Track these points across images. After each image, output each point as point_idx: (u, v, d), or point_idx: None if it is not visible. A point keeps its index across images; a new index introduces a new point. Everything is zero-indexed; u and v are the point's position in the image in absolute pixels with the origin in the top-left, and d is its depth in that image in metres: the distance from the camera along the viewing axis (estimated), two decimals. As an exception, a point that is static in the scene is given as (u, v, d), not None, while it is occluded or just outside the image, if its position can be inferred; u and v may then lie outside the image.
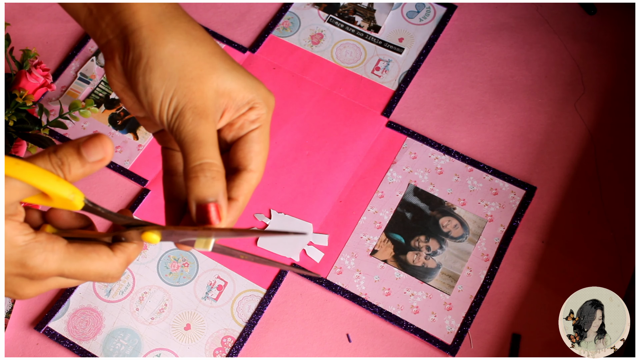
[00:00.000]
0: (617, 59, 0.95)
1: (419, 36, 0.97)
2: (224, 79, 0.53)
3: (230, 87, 0.53)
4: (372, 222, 0.85)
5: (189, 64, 0.52)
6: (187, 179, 0.51)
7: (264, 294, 0.82)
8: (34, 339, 0.81)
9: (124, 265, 0.51)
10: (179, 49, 0.52)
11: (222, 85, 0.52)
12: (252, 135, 0.54)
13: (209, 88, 0.52)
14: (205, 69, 0.52)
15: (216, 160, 0.51)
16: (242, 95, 0.53)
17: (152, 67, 0.52)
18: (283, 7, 1.00)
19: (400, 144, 0.90)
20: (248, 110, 0.54)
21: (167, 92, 0.52)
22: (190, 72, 0.52)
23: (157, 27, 0.52)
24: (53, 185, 0.46)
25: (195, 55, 0.52)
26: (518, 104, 0.92)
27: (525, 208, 0.85)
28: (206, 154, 0.51)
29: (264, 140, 0.55)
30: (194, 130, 0.51)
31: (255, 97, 0.54)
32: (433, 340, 0.79)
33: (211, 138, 0.51)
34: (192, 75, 0.52)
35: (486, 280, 0.82)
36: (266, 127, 0.55)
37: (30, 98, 0.85)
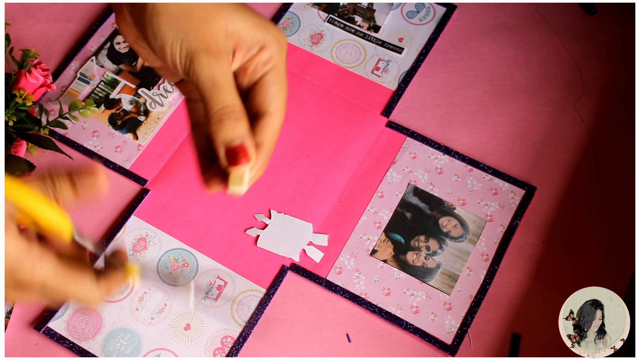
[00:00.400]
0: (617, 59, 0.95)
1: (418, 36, 0.97)
2: (232, 18, 0.52)
3: (239, 27, 0.52)
4: (372, 222, 0.85)
5: (195, 5, 0.51)
6: (211, 124, 0.51)
7: (264, 294, 0.82)
8: (34, 339, 0.81)
9: (104, 295, 0.52)
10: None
11: (230, 24, 0.52)
12: (267, 78, 0.54)
13: (217, 28, 0.52)
14: (211, 9, 0.52)
15: (237, 101, 0.51)
16: (251, 34, 0.52)
17: (159, 10, 0.51)
18: (283, 7, 1.00)
19: (400, 144, 0.90)
20: (259, 51, 0.53)
21: (176, 35, 0.51)
22: (197, 13, 0.51)
23: None
24: (46, 215, 0.47)
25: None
26: (518, 104, 0.92)
27: (525, 208, 0.85)
28: (227, 97, 0.51)
29: (280, 80, 0.55)
30: (211, 74, 0.51)
31: (266, 36, 0.53)
32: (433, 340, 0.79)
33: (229, 80, 0.51)
34: (199, 16, 0.51)
35: (486, 280, 0.81)
36: (281, 66, 0.55)
37: (30, 98, 0.85)
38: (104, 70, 0.97)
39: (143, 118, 0.93)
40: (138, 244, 0.85)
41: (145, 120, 0.93)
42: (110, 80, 0.96)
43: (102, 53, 0.98)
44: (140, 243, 0.85)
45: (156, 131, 0.92)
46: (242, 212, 0.87)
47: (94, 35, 0.99)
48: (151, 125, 0.93)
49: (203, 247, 0.85)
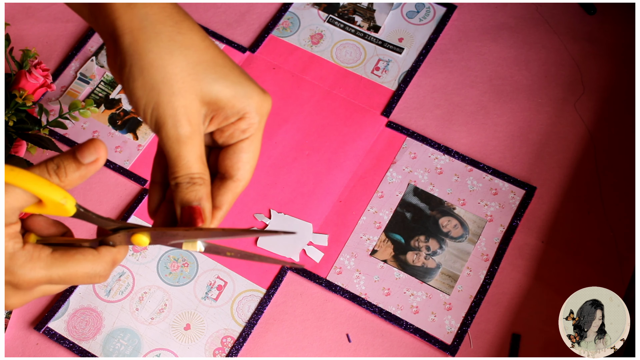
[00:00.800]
0: (617, 58, 0.95)
1: (418, 36, 0.97)
2: (211, 89, 0.51)
3: (217, 97, 0.51)
4: (372, 222, 0.85)
5: (171, 76, 0.51)
6: (172, 187, 0.52)
7: (264, 294, 0.82)
8: (34, 339, 0.81)
9: (111, 265, 0.51)
10: (160, 59, 0.51)
11: (207, 96, 0.51)
12: (241, 146, 0.54)
13: (191, 101, 0.51)
14: (188, 82, 0.51)
15: (199, 171, 0.52)
16: (230, 104, 0.52)
17: (135, 75, 0.51)
18: (283, 7, 1.00)
19: (400, 144, 0.90)
20: (238, 120, 0.53)
21: (148, 104, 0.51)
22: (172, 86, 0.51)
23: (138, 33, 0.51)
24: (46, 190, 0.47)
25: (177, 66, 0.51)
26: (518, 104, 0.92)
27: (525, 208, 0.85)
28: (191, 168, 0.51)
29: (253, 149, 0.55)
30: (177, 148, 0.51)
31: (246, 107, 0.52)
32: (433, 340, 0.79)
33: (194, 152, 0.52)
34: (174, 90, 0.51)
35: (486, 280, 0.81)
36: (257, 135, 0.55)
37: (30, 98, 0.85)
38: (104, 70, 0.97)
39: (143, 118, 0.93)
40: (138, 244, 0.85)
41: (145, 120, 0.93)
42: (110, 80, 0.96)
43: (102, 53, 0.98)
44: (140, 243, 0.85)
45: (156, 131, 0.92)
46: (242, 212, 0.87)
47: (94, 35, 0.99)
48: (151, 125, 0.93)
49: (203, 247, 0.85)
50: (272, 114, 0.92)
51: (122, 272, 0.84)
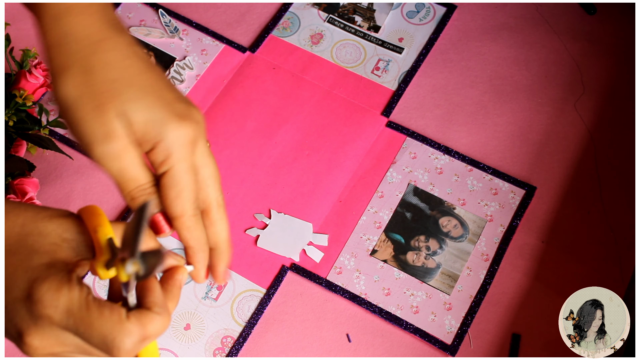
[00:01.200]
0: (617, 59, 0.95)
1: (418, 36, 0.97)
2: (124, 109, 0.48)
3: (130, 119, 0.48)
4: (372, 222, 0.85)
5: (87, 92, 0.48)
6: (128, 203, 0.49)
7: (264, 294, 0.82)
8: (34, 339, 0.81)
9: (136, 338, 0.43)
10: (76, 76, 0.48)
11: (129, 113, 0.48)
12: (163, 181, 0.49)
13: (110, 118, 0.47)
14: (106, 98, 0.48)
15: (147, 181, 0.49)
16: (142, 130, 0.48)
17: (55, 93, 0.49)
18: (283, 7, 1.00)
19: (400, 144, 0.90)
20: (151, 150, 0.49)
21: (71, 124, 0.48)
22: (90, 102, 0.48)
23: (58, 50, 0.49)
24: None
25: (95, 84, 0.48)
26: (518, 104, 0.92)
27: (525, 208, 0.85)
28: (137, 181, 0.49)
29: (178, 183, 0.49)
30: (116, 164, 0.48)
31: (159, 135, 0.48)
32: (433, 340, 0.79)
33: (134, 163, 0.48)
34: (92, 106, 0.48)
35: (486, 280, 0.81)
36: (180, 166, 0.49)
37: (30, 98, 0.85)
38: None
39: (143, 118, 0.93)
40: (138, 244, 0.85)
41: (145, 120, 0.93)
42: (110, 80, 0.96)
43: (102, 53, 0.98)
44: (140, 243, 0.85)
45: (156, 131, 0.92)
46: (242, 212, 0.87)
47: (94, 35, 0.99)
48: (151, 125, 0.93)
49: (203, 247, 0.85)
50: (272, 114, 0.92)
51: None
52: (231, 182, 0.88)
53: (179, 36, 0.98)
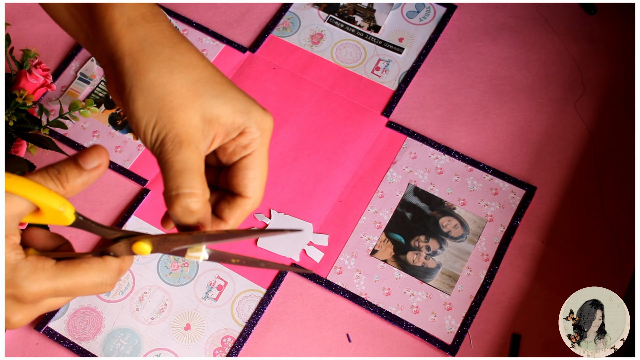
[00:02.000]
0: (617, 59, 0.95)
1: (419, 36, 0.97)
2: (210, 105, 0.52)
3: (217, 113, 0.52)
4: (372, 222, 0.85)
5: (170, 92, 0.51)
6: (167, 206, 0.51)
7: (264, 294, 0.82)
8: (34, 339, 0.81)
9: (118, 273, 0.50)
10: (160, 77, 0.52)
11: (207, 111, 0.52)
12: (245, 162, 0.54)
13: (191, 116, 0.51)
14: (188, 97, 0.52)
15: (195, 188, 0.51)
16: (231, 120, 0.52)
17: (135, 96, 0.52)
18: (283, 7, 1.00)
19: (400, 144, 0.90)
20: (239, 135, 0.53)
21: (148, 122, 0.51)
22: (171, 102, 0.51)
23: (138, 55, 0.52)
24: (44, 197, 0.46)
25: (177, 84, 0.52)
26: (518, 104, 0.92)
27: (525, 208, 0.85)
28: (182, 183, 0.51)
29: (259, 165, 0.55)
30: (171, 160, 0.51)
31: (246, 122, 0.53)
32: (433, 340, 0.79)
33: (191, 166, 0.51)
34: (173, 105, 0.51)
35: (486, 280, 0.81)
36: (261, 150, 0.55)
37: (30, 98, 0.85)
38: (104, 71, 0.97)
39: (143, 118, 0.93)
40: (138, 244, 0.85)
41: (146, 120, 0.93)
42: (110, 80, 0.96)
43: (102, 53, 0.98)
44: (141, 243, 0.85)
45: (156, 131, 0.92)
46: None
47: (94, 35, 0.99)
48: (151, 125, 0.93)
49: (203, 247, 0.85)
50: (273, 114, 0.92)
51: (122, 272, 0.84)
52: (231, 182, 0.88)
53: (179, 36, 0.98)
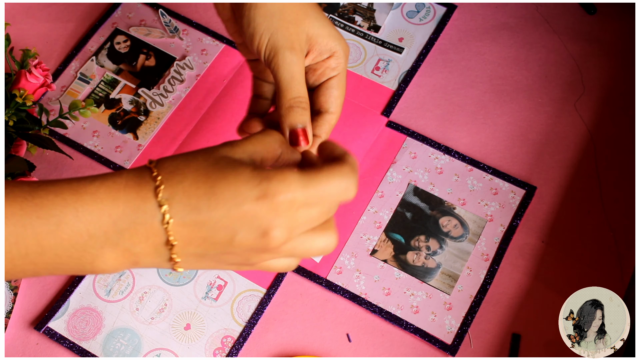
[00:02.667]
0: (617, 59, 0.95)
1: (419, 36, 0.97)
2: (314, 24, 0.61)
3: (317, 33, 0.62)
4: (372, 222, 0.85)
5: (288, 7, 0.60)
6: (283, 109, 0.60)
7: (264, 293, 0.82)
8: (34, 339, 0.81)
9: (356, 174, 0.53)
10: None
11: (311, 30, 0.61)
12: (331, 82, 0.63)
13: (302, 31, 0.61)
14: (300, 15, 0.61)
15: (305, 95, 0.61)
16: (326, 41, 0.62)
17: (257, 5, 0.60)
18: (283, 7, 1.00)
19: (400, 144, 0.90)
20: (328, 58, 0.63)
21: (267, 29, 0.60)
22: (289, 15, 0.60)
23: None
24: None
25: (290, 3, 0.61)
26: (518, 104, 0.92)
27: (525, 208, 0.85)
28: (300, 91, 0.60)
29: (342, 86, 0.64)
30: (290, 70, 0.60)
31: (337, 46, 0.62)
32: (433, 340, 0.79)
33: (302, 75, 0.61)
34: (290, 18, 0.60)
35: (486, 280, 0.82)
36: (343, 74, 0.64)
37: (30, 98, 0.85)
38: (104, 70, 0.97)
39: (143, 118, 0.93)
40: (138, 244, 0.85)
41: (145, 120, 0.93)
42: (110, 80, 0.96)
43: (102, 53, 0.98)
44: (141, 243, 0.85)
45: (156, 131, 0.92)
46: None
47: (94, 35, 0.99)
48: (151, 125, 0.93)
49: (203, 247, 0.85)
50: (272, 114, 0.92)
51: (122, 272, 0.84)
52: (231, 182, 0.88)
53: (179, 36, 0.98)
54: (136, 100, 0.94)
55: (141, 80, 0.96)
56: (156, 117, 0.93)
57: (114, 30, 0.99)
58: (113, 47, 0.98)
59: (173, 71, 0.95)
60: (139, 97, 0.94)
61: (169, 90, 0.95)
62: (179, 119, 0.93)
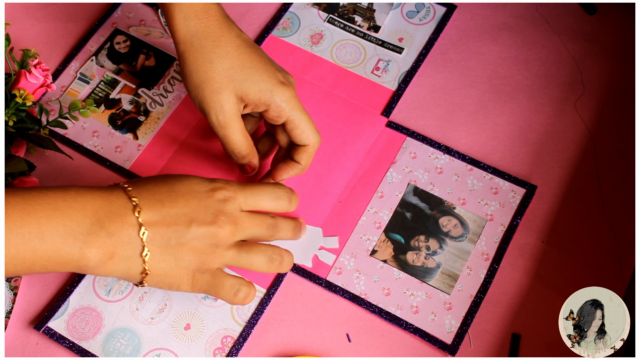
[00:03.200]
0: (617, 59, 0.95)
1: (418, 36, 0.97)
2: (240, 87, 0.71)
3: (245, 92, 0.71)
4: (372, 222, 0.85)
5: (210, 78, 0.70)
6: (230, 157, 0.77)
7: (264, 294, 0.82)
8: (34, 339, 0.81)
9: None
10: (203, 66, 0.70)
11: (239, 92, 0.71)
12: (289, 126, 0.75)
13: (228, 96, 0.71)
14: (224, 82, 0.70)
15: (241, 146, 0.74)
16: (257, 97, 0.72)
17: (186, 75, 0.72)
18: (283, 7, 1.00)
19: (400, 144, 0.90)
20: (267, 110, 0.73)
21: (196, 98, 0.72)
22: (212, 86, 0.71)
23: (189, 46, 0.71)
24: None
25: (216, 71, 0.70)
26: (518, 104, 0.92)
27: (525, 207, 0.85)
28: (234, 146, 0.74)
29: (299, 123, 0.74)
30: (221, 132, 0.73)
31: (269, 99, 0.72)
32: (433, 340, 0.79)
33: (235, 132, 0.73)
34: (213, 88, 0.70)
35: (486, 279, 0.81)
36: (294, 112, 0.73)
37: (30, 98, 0.85)
38: (104, 70, 0.97)
39: (143, 118, 0.93)
40: (138, 243, 0.85)
41: (145, 120, 0.93)
42: (110, 80, 0.96)
43: (102, 53, 0.98)
44: (140, 243, 0.85)
45: (156, 131, 0.92)
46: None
47: (94, 35, 0.99)
48: (151, 125, 0.93)
49: (203, 247, 0.85)
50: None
51: (122, 272, 0.84)
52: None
53: (179, 36, 0.98)
54: (136, 100, 0.94)
55: (141, 80, 0.96)
56: (156, 117, 0.93)
57: (113, 30, 1.00)
58: (113, 47, 0.98)
59: (173, 71, 0.96)
60: (139, 97, 0.95)
61: (169, 90, 0.95)
62: (179, 119, 0.93)
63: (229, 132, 0.72)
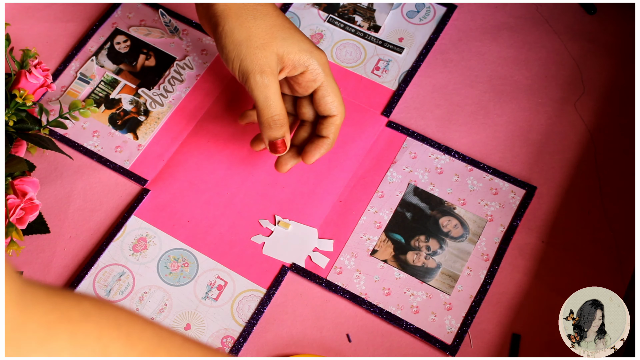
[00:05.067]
0: (617, 59, 0.95)
1: (419, 36, 0.97)
2: (282, 45, 0.70)
3: (286, 51, 0.70)
4: (372, 222, 0.85)
5: (254, 34, 0.69)
6: (262, 127, 0.73)
7: (264, 294, 0.82)
8: (34, 339, 0.81)
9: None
10: (246, 21, 0.69)
11: (280, 50, 0.70)
12: (320, 92, 0.74)
13: (270, 54, 0.69)
14: (267, 39, 0.70)
15: (281, 111, 0.72)
16: (298, 57, 0.71)
17: (227, 33, 0.70)
18: (283, 7, 1.00)
19: (400, 144, 0.90)
20: (304, 72, 0.72)
21: (237, 56, 0.70)
22: (256, 41, 0.69)
23: (230, 5, 0.70)
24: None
25: (259, 28, 0.69)
26: (518, 104, 0.92)
27: (525, 208, 0.85)
28: (274, 109, 0.71)
29: (330, 91, 0.74)
30: (264, 92, 0.70)
31: (309, 59, 0.71)
32: (433, 340, 0.79)
33: (276, 95, 0.70)
34: (257, 44, 0.69)
35: (486, 280, 0.82)
36: (328, 79, 0.73)
37: (30, 98, 0.85)
38: (104, 70, 0.97)
39: (143, 118, 0.93)
40: (138, 244, 0.85)
41: (145, 120, 0.93)
42: (110, 80, 0.96)
43: (102, 53, 0.98)
44: (141, 243, 0.85)
45: (156, 131, 0.92)
46: (242, 212, 0.87)
47: (94, 35, 0.99)
48: (151, 125, 0.93)
49: (203, 247, 0.85)
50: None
51: (122, 272, 0.84)
52: (232, 182, 0.88)
53: (179, 36, 0.98)
54: (136, 100, 0.94)
55: (141, 80, 0.96)
56: (156, 117, 0.93)
57: (114, 30, 1.00)
58: (113, 47, 0.98)
59: (173, 71, 0.95)
60: (139, 97, 0.95)
61: (169, 90, 0.95)
62: (179, 119, 0.93)
63: (271, 92, 0.70)
